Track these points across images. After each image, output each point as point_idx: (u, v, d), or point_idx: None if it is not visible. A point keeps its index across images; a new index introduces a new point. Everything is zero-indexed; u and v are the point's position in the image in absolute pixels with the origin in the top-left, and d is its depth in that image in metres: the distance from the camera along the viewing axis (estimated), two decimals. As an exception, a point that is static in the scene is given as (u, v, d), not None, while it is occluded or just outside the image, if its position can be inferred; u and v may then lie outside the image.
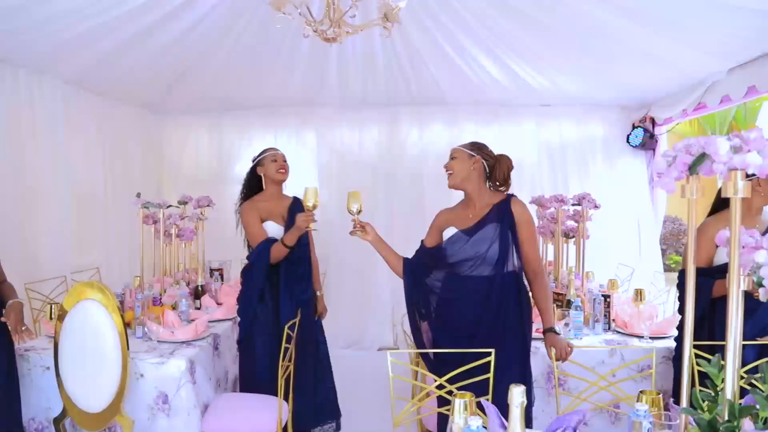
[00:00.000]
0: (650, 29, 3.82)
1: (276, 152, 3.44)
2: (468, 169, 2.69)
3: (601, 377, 2.43)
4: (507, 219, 2.61)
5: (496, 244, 2.57)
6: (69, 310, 2.74)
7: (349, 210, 2.74)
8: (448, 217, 2.80)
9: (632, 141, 5.88)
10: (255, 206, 3.36)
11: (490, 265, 2.59)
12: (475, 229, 2.62)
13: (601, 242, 5.17)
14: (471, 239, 2.60)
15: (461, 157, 2.71)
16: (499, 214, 2.62)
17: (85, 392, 2.71)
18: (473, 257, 2.59)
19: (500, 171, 2.74)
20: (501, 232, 2.58)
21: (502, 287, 2.57)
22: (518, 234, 2.61)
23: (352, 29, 3.37)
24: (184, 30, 4.17)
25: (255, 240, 3.30)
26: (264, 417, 2.96)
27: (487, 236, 2.59)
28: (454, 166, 2.71)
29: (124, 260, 5.59)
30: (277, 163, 3.40)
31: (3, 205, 4.10)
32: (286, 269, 3.32)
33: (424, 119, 6.31)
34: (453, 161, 2.73)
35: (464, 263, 2.61)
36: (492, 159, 2.74)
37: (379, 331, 6.20)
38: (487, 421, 1.65)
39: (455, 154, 2.74)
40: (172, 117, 6.61)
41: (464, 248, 2.60)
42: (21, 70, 4.33)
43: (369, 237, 2.76)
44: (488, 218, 2.63)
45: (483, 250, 2.58)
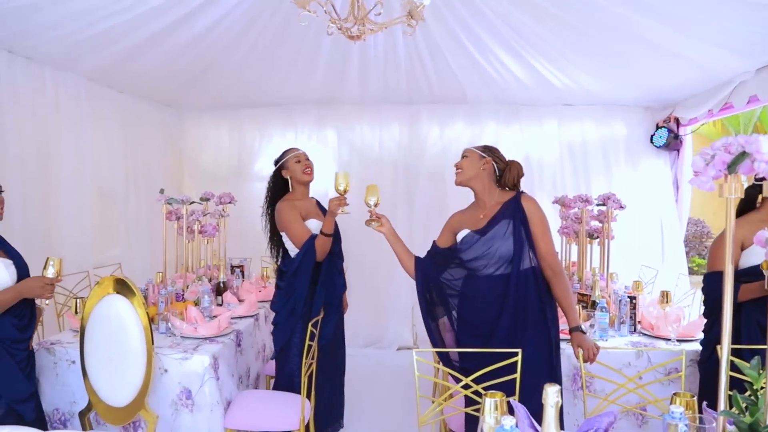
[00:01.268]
0: (676, 28, 3.76)
1: (298, 152, 3.42)
2: (477, 168, 2.68)
3: (629, 379, 2.39)
4: (518, 215, 2.58)
5: (509, 241, 2.55)
6: (95, 304, 2.75)
7: (366, 202, 2.75)
8: (460, 219, 2.79)
9: (656, 141, 5.80)
10: (294, 205, 3.32)
11: (505, 263, 2.56)
12: (486, 229, 2.60)
13: (624, 243, 5.12)
14: (483, 238, 2.58)
15: (472, 157, 2.71)
16: (509, 211, 2.60)
17: (110, 386, 2.72)
18: (486, 255, 2.57)
19: (510, 175, 2.73)
20: (514, 228, 2.56)
21: (518, 285, 2.54)
22: (531, 230, 2.58)
23: (376, 27, 3.36)
24: (205, 28, 4.19)
25: (301, 238, 3.25)
26: (287, 414, 2.96)
27: (499, 233, 2.56)
28: (464, 164, 2.71)
29: (145, 256, 5.64)
30: (302, 164, 3.39)
31: (29, 201, 4.15)
32: (329, 262, 3.34)
33: (444, 117, 6.28)
34: (463, 160, 2.73)
35: (477, 261, 2.59)
36: (503, 163, 2.73)
37: (399, 330, 6.20)
38: (517, 422, 1.63)
39: (466, 153, 2.75)
40: (193, 114, 6.66)
41: (476, 247, 2.58)
42: (46, 68, 4.39)
43: (383, 229, 2.76)
44: (499, 216, 2.61)
45: (495, 247, 2.55)
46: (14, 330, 2.54)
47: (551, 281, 2.61)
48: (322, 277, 3.32)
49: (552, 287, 2.62)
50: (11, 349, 2.53)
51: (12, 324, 2.53)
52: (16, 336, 2.55)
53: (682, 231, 6.04)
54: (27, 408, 2.57)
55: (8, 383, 2.51)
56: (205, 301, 3.57)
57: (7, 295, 2.48)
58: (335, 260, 3.41)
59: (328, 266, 3.34)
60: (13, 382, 2.53)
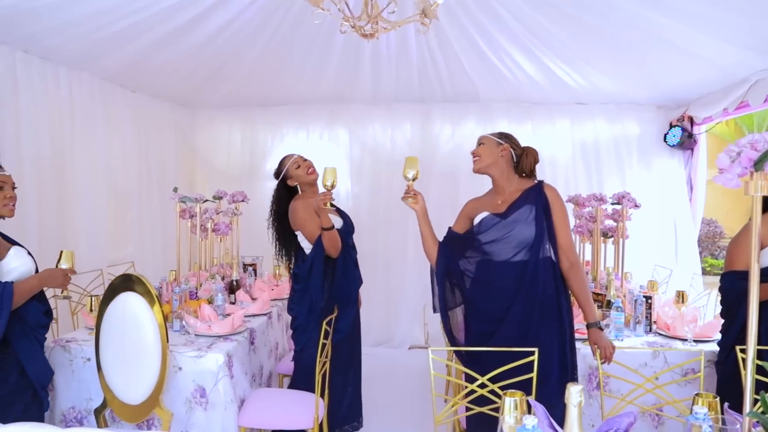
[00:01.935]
0: (691, 26, 3.73)
1: (293, 157, 3.44)
2: (495, 155, 2.67)
3: (647, 379, 2.37)
4: (541, 202, 2.57)
5: (531, 227, 2.54)
6: (110, 302, 2.76)
7: (404, 176, 2.65)
8: (476, 204, 2.77)
9: (670, 140, 5.75)
10: (308, 203, 3.32)
11: (523, 249, 2.55)
12: (507, 212, 2.59)
13: (637, 243, 5.08)
14: (504, 221, 2.57)
15: (489, 144, 2.69)
16: (532, 197, 2.59)
17: (125, 384, 2.72)
18: (505, 238, 2.55)
19: (527, 162, 2.72)
20: (536, 215, 2.55)
21: (536, 272, 2.53)
22: (552, 219, 2.57)
23: (390, 25, 3.36)
24: (218, 28, 4.20)
25: (314, 236, 3.28)
26: (301, 413, 2.96)
27: (521, 218, 2.56)
28: (481, 151, 2.70)
29: (157, 254, 5.67)
30: (302, 167, 3.40)
31: (44, 200, 4.18)
32: (344, 256, 3.36)
33: (456, 116, 6.26)
34: (480, 147, 2.71)
35: (496, 244, 2.57)
36: (519, 149, 2.72)
37: (410, 329, 6.20)
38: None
39: (483, 140, 2.73)
40: (205, 113, 6.68)
41: (496, 229, 2.57)
42: (61, 68, 4.42)
43: (417, 206, 2.69)
44: (520, 201, 2.60)
45: (517, 231, 2.54)
46: (42, 315, 2.61)
47: (568, 273, 2.59)
48: (339, 272, 3.33)
49: (568, 279, 2.61)
50: (38, 335, 2.60)
51: (38, 309, 2.59)
52: (44, 321, 2.62)
53: (696, 231, 5.98)
54: (45, 395, 2.66)
55: (39, 367, 2.58)
56: (218, 300, 3.58)
57: (32, 284, 2.54)
58: (350, 252, 3.43)
59: (343, 260, 3.35)
60: (43, 366, 2.61)
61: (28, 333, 2.53)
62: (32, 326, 2.55)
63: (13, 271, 2.51)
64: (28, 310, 2.52)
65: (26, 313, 2.51)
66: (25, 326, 2.51)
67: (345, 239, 3.38)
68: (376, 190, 6.34)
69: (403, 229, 6.23)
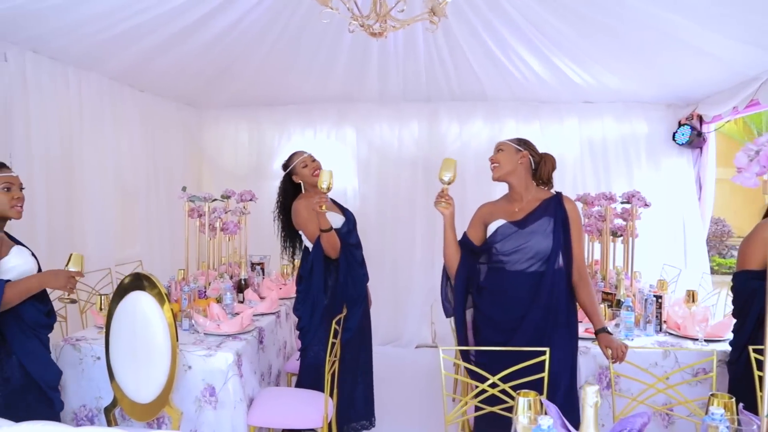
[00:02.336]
0: (701, 23, 3.70)
1: (303, 156, 3.44)
2: (515, 162, 2.65)
3: (659, 379, 2.36)
4: (560, 215, 2.57)
5: (549, 240, 2.54)
6: (120, 301, 2.77)
7: (440, 178, 2.58)
8: (491, 209, 2.75)
9: (678, 139, 5.72)
10: (310, 203, 3.32)
11: (540, 261, 2.55)
12: (525, 222, 2.58)
13: (645, 242, 5.06)
14: (522, 231, 2.56)
15: (508, 150, 2.67)
16: (551, 210, 2.59)
17: (135, 383, 2.73)
18: (521, 249, 2.55)
19: (545, 169, 2.72)
20: (554, 227, 2.55)
21: (552, 284, 2.53)
22: (570, 232, 2.58)
23: (399, 24, 3.35)
24: (226, 27, 4.21)
25: (314, 236, 3.31)
26: (310, 412, 2.96)
27: (540, 230, 2.55)
28: (500, 158, 2.67)
29: (165, 253, 5.68)
30: (309, 167, 3.41)
31: (53, 199, 4.19)
32: (347, 255, 3.36)
33: (464, 115, 6.24)
34: (499, 154, 2.69)
35: (513, 255, 2.57)
36: (538, 156, 2.71)
37: (417, 328, 6.19)
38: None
39: (502, 146, 2.70)
40: (212, 112, 6.69)
41: (514, 238, 2.56)
42: (70, 67, 4.43)
43: (447, 212, 2.62)
44: (539, 212, 2.59)
45: (534, 242, 2.54)
46: (41, 315, 2.55)
47: (577, 285, 2.62)
48: (342, 272, 3.34)
49: (578, 291, 2.62)
50: (39, 334, 2.54)
51: (37, 309, 2.53)
52: (44, 321, 2.56)
53: (705, 230, 5.95)
54: (56, 395, 2.59)
55: (43, 367, 2.52)
56: (227, 299, 3.58)
57: (31, 283, 2.47)
58: (353, 251, 3.43)
59: (345, 260, 3.36)
60: (46, 365, 2.55)
61: (26, 331, 2.48)
62: (30, 325, 2.49)
63: (12, 270, 2.47)
64: (25, 309, 2.47)
65: (23, 312, 2.46)
66: (22, 324, 2.47)
67: (346, 239, 3.38)
68: (384, 189, 6.34)
69: (410, 228, 6.23)
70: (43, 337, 2.57)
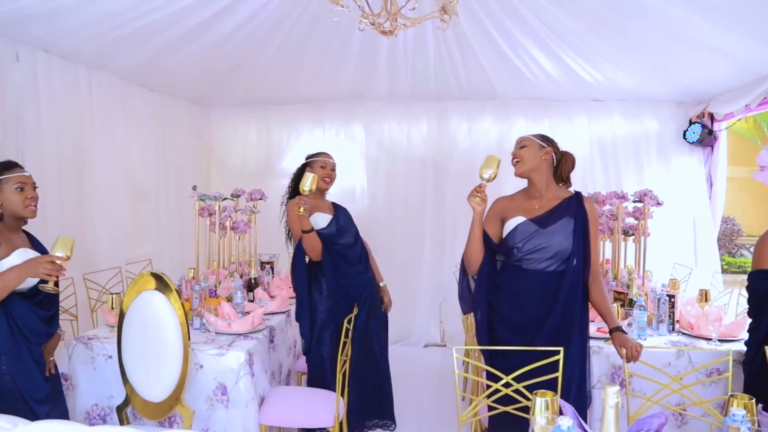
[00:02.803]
0: (712, 20, 3.66)
1: (327, 160, 3.44)
2: (538, 158, 2.62)
3: (674, 379, 2.34)
4: (580, 215, 2.55)
5: (570, 240, 2.52)
6: (132, 300, 2.77)
7: (480, 175, 2.51)
8: (508, 204, 2.70)
9: (689, 137, 5.67)
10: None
11: (559, 260, 2.53)
12: (546, 220, 2.56)
13: (655, 241, 5.03)
14: (544, 231, 2.54)
15: (532, 146, 2.63)
16: (571, 210, 2.57)
17: (147, 381, 2.73)
18: (542, 248, 2.53)
19: (565, 167, 2.70)
20: (575, 227, 2.54)
21: (571, 283, 2.53)
22: (589, 233, 2.56)
23: (409, 22, 3.34)
24: (235, 27, 4.22)
25: (298, 235, 3.34)
26: (321, 411, 2.96)
27: (560, 230, 2.54)
28: (524, 154, 2.63)
29: (174, 252, 5.70)
30: (324, 171, 3.40)
31: (64, 198, 4.21)
32: (331, 255, 3.36)
33: (473, 114, 6.22)
34: (523, 149, 2.64)
35: (533, 254, 2.55)
36: (559, 153, 2.69)
37: (426, 327, 6.18)
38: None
39: (525, 142, 2.65)
40: (221, 111, 6.70)
41: (535, 238, 2.54)
42: (81, 67, 4.44)
43: (480, 208, 2.55)
44: (559, 211, 2.57)
45: (555, 242, 2.52)
46: (38, 321, 2.48)
47: (591, 286, 2.61)
48: (329, 273, 3.35)
49: (591, 291, 2.62)
50: (30, 341, 2.46)
51: (34, 313, 2.47)
52: (41, 329, 2.50)
53: (716, 229, 5.91)
54: (41, 408, 2.46)
55: (26, 377, 2.43)
56: (237, 297, 3.58)
57: (10, 275, 2.33)
58: (341, 251, 3.40)
59: (331, 261, 3.35)
60: (31, 376, 2.45)
61: (16, 335, 2.40)
62: (21, 328, 2.41)
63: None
64: (18, 309, 2.40)
65: (15, 313, 2.40)
66: (12, 326, 2.39)
67: (333, 239, 3.37)
68: (392, 188, 6.33)
69: (419, 226, 6.22)
70: (33, 348, 2.47)
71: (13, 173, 2.51)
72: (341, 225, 3.45)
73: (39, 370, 2.50)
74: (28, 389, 2.43)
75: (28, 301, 2.46)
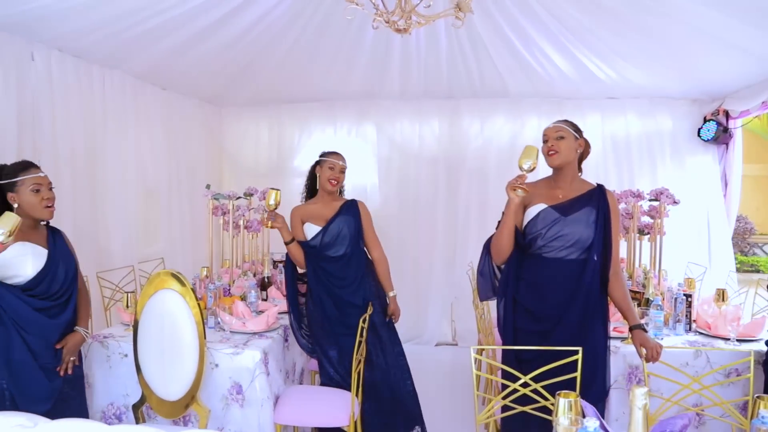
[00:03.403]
0: (728, 14, 3.61)
1: (336, 162, 3.34)
2: (574, 150, 2.59)
3: (693, 380, 2.32)
4: (603, 206, 2.55)
5: (591, 230, 2.51)
6: (148, 299, 2.77)
7: (519, 165, 2.45)
8: (531, 191, 2.60)
9: (704, 135, 5.63)
10: (300, 210, 3.41)
11: (580, 249, 2.52)
12: (569, 209, 2.54)
13: (669, 240, 4.99)
14: (565, 218, 2.53)
15: (569, 138, 2.58)
16: (594, 201, 2.56)
17: (163, 380, 2.74)
18: (563, 236, 2.51)
19: (584, 156, 2.71)
20: (596, 218, 2.53)
21: (593, 272, 2.52)
22: (611, 225, 2.55)
23: (424, 20, 3.33)
24: (247, 26, 4.21)
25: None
26: (336, 410, 2.95)
27: (582, 219, 2.52)
28: (562, 146, 2.56)
29: (186, 251, 5.71)
30: (332, 173, 3.33)
31: (78, 197, 4.22)
32: (315, 268, 3.36)
33: (485, 112, 6.20)
34: (561, 141, 2.57)
35: (554, 242, 2.53)
36: (585, 143, 2.68)
37: (438, 326, 6.17)
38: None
39: (563, 133, 2.58)
40: (233, 110, 6.72)
41: (558, 225, 2.53)
42: (94, 66, 4.46)
43: (518, 199, 2.50)
44: (582, 201, 2.56)
45: (577, 231, 2.51)
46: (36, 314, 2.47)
47: (612, 280, 2.59)
48: (312, 283, 3.37)
49: (612, 286, 2.60)
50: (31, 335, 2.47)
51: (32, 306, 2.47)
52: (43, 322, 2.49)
53: (731, 228, 5.85)
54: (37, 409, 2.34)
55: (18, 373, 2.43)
56: (251, 296, 3.58)
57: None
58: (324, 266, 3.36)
59: (314, 272, 3.36)
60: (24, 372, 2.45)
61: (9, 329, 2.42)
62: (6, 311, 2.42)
63: (9, 265, 2.45)
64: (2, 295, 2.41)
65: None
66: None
67: (319, 251, 3.33)
68: (404, 187, 6.32)
69: (431, 225, 6.20)
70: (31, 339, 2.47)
71: (29, 174, 2.51)
72: (328, 241, 3.34)
73: (38, 364, 2.48)
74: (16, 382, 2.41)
75: (17, 289, 2.45)
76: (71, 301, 2.67)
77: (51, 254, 2.59)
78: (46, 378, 2.52)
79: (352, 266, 3.38)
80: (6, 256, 2.42)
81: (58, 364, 2.57)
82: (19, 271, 2.48)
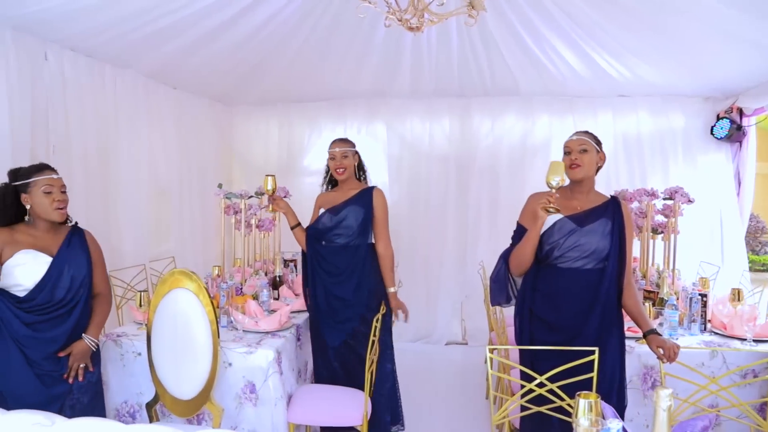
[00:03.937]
0: (742, 9, 3.57)
1: (333, 150, 3.40)
2: (595, 164, 2.60)
3: (711, 380, 2.30)
4: (618, 218, 2.56)
5: (606, 241, 2.52)
6: (161, 298, 2.78)
7: (547, 182, 2.39)
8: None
9: (717, 133, 5.57)
10: (321, 197, 3.52)
11: (596, 259, 2.52)
12: (585, 220, 2.54)
13: (682, 239, 4.96)
14: (581, 229, 2.52)
15: (592, 151, 2.57)
16: (609, 211, 2.57)
17: (177, 379, 2.75)
18: (579, 246, 2.51)
19: (600, 168, 2.67)
20: (612, 229, 2.54)
21: (610, 281, 2.52)
22: (626, 236, 2.56)
23: (437, 18, 3.31)
24: (258, 25, 4.22)
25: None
26: (349, 409, 2.95)
27: (598, 230, 2.53)
28: (585, 160, 2.55)
29: (197, 250, 5.72)
30: (334, 162, 3.39)
31: (90, 196, 4.23)
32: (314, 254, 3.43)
33: (496, 110, 6.17)
34: (584, 154, 2.55)
35: (570, 252, 2.53)
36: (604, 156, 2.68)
37: (448, 325, 6.16)
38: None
39: (586, 146, 2.56)
40: (242, 109, 6.73)
41: (574, 236, 2.52)
42: (106, 65, 4.47)
43: (548, 216, 2.45)
44: (597, 212, 2.57)
45: (593, 242, 2.51)
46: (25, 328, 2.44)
47: (625, 288, 2.60)
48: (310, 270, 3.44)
49: (625, 294, 2.60)
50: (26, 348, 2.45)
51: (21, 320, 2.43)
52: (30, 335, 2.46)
53: (744, 227, 5.80)
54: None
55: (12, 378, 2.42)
56: (263, 296, 3.58)
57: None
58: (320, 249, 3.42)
59: (310, 257, 3.44)
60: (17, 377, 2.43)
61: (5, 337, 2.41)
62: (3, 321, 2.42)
63: (12, 272, 2.45)
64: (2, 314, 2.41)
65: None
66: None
67: (320, 236, 3.41)
68: (415, 185, 6.31)
69: (442, 224, 6.19)
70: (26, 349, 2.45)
71: (41, 176, 2.51)
72: (329, 225, 3.38)
73: (33, 372, 2.45)
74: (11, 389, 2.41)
75: (11, 302, 2.44)
76: (78, 307, 2.59)
77: (55, 261, 2.53)
78: (42, 385, 2.47)
79: (348, 258, 3.36)
80: (8, 264, 2.43)
81: (60, 371, 2.52)
82: (19, 281, 2.47)
